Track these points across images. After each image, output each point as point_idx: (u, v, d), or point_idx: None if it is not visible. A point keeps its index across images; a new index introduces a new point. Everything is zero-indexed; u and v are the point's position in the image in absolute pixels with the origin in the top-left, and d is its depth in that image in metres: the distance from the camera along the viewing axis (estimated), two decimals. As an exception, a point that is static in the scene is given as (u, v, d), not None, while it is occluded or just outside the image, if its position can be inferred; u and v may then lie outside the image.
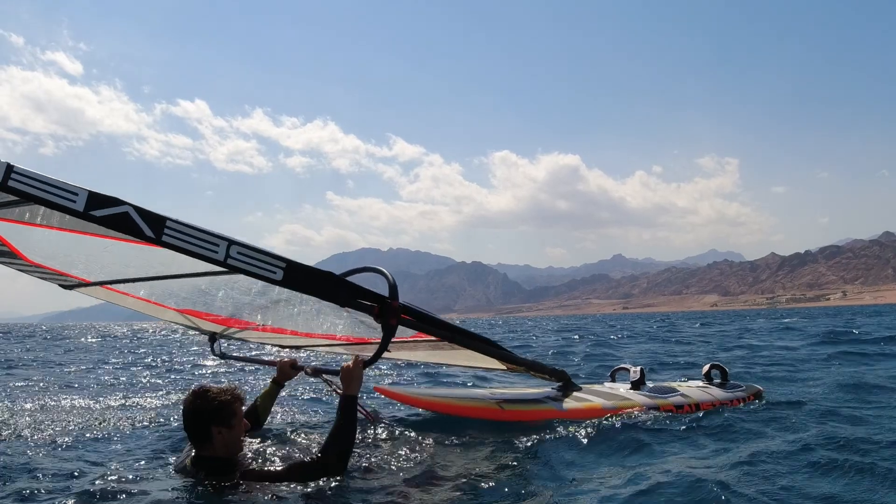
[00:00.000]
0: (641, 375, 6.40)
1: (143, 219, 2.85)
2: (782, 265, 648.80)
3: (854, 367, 10.29)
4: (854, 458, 4.10)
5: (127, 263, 4.06)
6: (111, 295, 4.87)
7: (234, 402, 3.57)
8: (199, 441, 3.52)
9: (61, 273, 4.46)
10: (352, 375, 3.82)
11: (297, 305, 4.67)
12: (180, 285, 4.45)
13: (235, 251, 3.08)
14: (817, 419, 5.61)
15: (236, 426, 3.55)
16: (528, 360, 5.39)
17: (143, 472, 3.95)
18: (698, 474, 3.81)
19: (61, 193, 2.70)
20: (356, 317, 4.47)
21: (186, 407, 3.53)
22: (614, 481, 3.79)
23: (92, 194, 2.74)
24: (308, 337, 5.41)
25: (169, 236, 2.91)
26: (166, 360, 14.70)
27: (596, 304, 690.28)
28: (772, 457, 4.35)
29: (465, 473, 3.88)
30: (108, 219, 2.80)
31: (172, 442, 5.01)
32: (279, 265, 3.18)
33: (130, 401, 7.55)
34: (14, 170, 2.61)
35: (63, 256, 4.18)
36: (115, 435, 5.34)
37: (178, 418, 6.16)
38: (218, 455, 3.51)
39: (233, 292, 4.60)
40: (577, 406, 5.63)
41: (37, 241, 3.88)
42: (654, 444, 4.69)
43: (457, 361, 5.81)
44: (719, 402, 6.22)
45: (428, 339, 4.73)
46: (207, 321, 5.31)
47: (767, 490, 3.56)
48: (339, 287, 3.43)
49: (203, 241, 3.00)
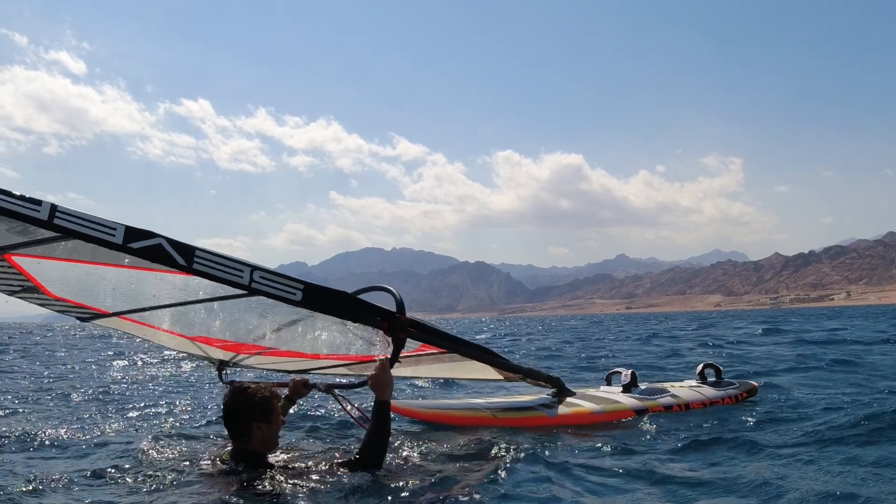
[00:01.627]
0: (632, 378, 6.67)
1: (175, 249, 3.16)
2: (786, 265, 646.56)
3: (847, 365, 10.62)
4: (847, 453, 4.31)
5: (143, 293, 4.31)
6: (126, 325, 5.10)
7: (272, 398, 3.88)
8: (239, 436, 3.81)
9: (80, 305, 4.71)
10: (381, 381, 4.05)
11: (303, 329, 4.90)
12: (194, 313, 4.71)
13: (258, 276, 3.38)
14: (810, 415, 5.81)
15: (274, 422, 3.86)
16: (525, 368, 5.69)
17: (179, 467, 4.22)
18: (678, 474, 4.04)
19: (101, 229, 3.00)
20: (360, 336, 4.72)
21: (227, 403, 3.83)
22: (597, 485, 3.98)
23: (129, 228, 3.05)
24: (314, 359, 5.62)
25: (199, 264, 3.21)
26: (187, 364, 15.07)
27: (599, 304, 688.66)
28: (759, 453, 4.56)
29: (455, 480, 4.03)
30: (144, 250, 3.09)
31: (200, 437, 5.38)
32: (298, 287, 3.50)
33: (161, 394, 8.00)
34: (58, 209, 2.90)
35: (82, 289, 4.43)
36: (146, 429, 5.72)
37: (208, 415, 6.63)
38: (256, 449, 3.81)
39: (242, 318, 4.85)
40: (567, 412, 5.96)
41: (58, 276, 4.13)
42: (635, 447, 4.90)
43: (456, 375, 6.12)
44: (710, 401, 6.48)
45: (430, 353, 5.04)
46: (217, 348, 5.52)
47: (756, 486, 3.72)
48: (352, 305, 3.77)
49: (229, 267, 3.31)
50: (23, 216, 2.85)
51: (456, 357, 5.06)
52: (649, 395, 6.47)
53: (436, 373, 6.22)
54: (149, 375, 12.22)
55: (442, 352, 4.89)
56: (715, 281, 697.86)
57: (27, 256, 3.69)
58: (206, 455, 4.39)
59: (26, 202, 2.84)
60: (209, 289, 4.03)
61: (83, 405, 8.03)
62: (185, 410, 7.43)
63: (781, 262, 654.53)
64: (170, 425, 6.25)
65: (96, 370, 13.68)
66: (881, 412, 5.49)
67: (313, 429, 6.01)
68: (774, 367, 10.96)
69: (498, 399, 6.58)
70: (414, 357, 5.18)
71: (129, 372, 13.01)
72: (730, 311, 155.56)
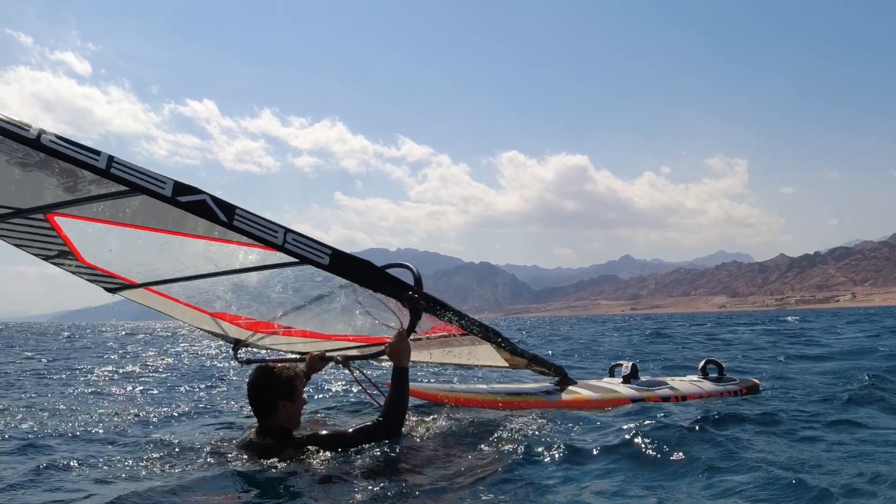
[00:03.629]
0: (633, 370, 6.88)
1: (218, 206, 3.33)
2: (791, 266, 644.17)
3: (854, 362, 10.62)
4: (843, 452, 4.31)
5: (176, 260, 4.43)
6: (152, 298, 5.21)
7: (296, 378, 4.11)
8: (265, 414, 4.03)
9: (111, 274, 4.81)
10: (399, 349, 4.28)
11: (321, 309, 5.09)
12: (222, 289, 4.90)
13: (291, 237, 3.58)
14: (808, 414, 5.79)
15: (298, 401, 4.09)
16: (530, 354, 5.89)
17: (208, 446, 4.48)
18: (663, 461, 4.16)
19: (153, 181, 3.17)
20: (375, 318, 5.00)
21: (253, 382, 4.05)
22: (588, 470, 4.06)
23: (177, 183, 3.23)
24: (328, 339, 5.82)
25: (239, 221, 3.40)
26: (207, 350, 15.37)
27: (604, 305, 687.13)
28: (751, 449, 4.53)
29: (455, 463, 4.13)
30: (190, 204, 3.26)
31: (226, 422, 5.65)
32: (326, 251, 3.72)
33: (187, 384, 8.30)
34: (115, 159, 3.06)
35: (116, 258, 4.56)
36: (174, 415, 6.04)
37: (233, 400, 6.91)
38: (281, 425, 4.02)
39: (267, 295, 5.04)
40: (566, 398, 6.22)
41: (95, 241, 4.26)
42: (627, 434, 4.87)
43: (464, 361, 6.37)
44: (707, 395, 6.62)
45: (441, 336, 5.27)
46: (236, 326, 5.71)
47: (747, 478, 3.73)
48: (375, 274, 3.98)
49: (266, 227, 3.50)
50: (83, 163, 2.99)
51: (466, 341, 5.29)
52: (648, 386, 6.68)
53: (446, 358, 6.46)
54: (168, 363, 12.60)
55: (453, 334, 5.09)
56: (720, 282, 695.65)
57: (69, 217, 3.83)
58: (233, 435, 4.68)
59: (86, 150, 2.99)
60: (237, 262, 4.27)
61: (109, 393, 8.43)
62: (211, 394, 7.84)
63: (786, 264, 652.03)
64: (196, 408, 6.57)
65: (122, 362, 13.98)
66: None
67: (331, 403, 6.36)
68: (769, 364, 11.05)
69: (502, 385, 6.90)
70: (426, 340, 5.40)
71: (148, 362, 13.33)
72: (735, 313, 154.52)
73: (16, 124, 2.87)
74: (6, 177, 3.38)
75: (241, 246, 3.93)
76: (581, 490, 3.62)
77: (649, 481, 3.81)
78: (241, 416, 6.34)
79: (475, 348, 5.61)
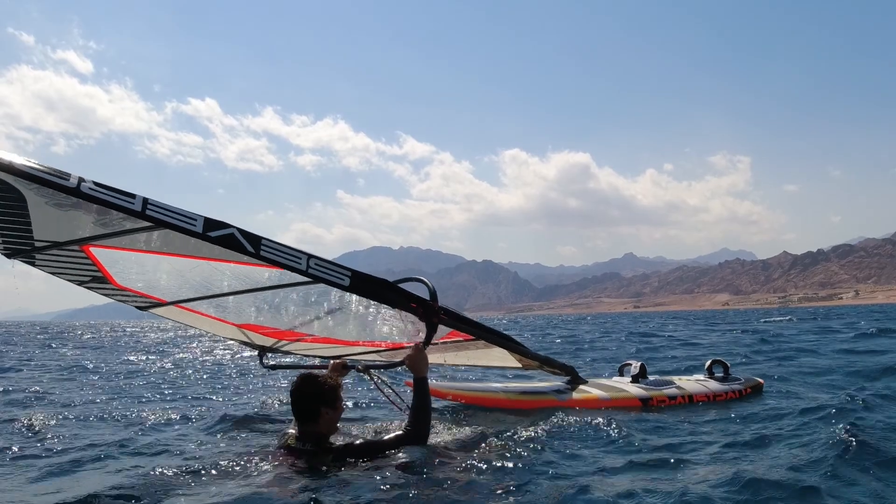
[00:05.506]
0: (641, 370, 7.16)
1: (245, 238, 3.59)
2: (794, 264, 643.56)
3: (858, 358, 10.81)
4: (848, 449, 4.37)
5: (200, 283, 4.76)
6: (179, 313, 5.55)
7: (338, 387, 4.39)
8: (308, 420, 4.27)
9: (142, 295, 5.16)
10: (417, 360, 4.57)
11: (341, 318, 5.41)
12: (246, 303, 5.20)
13: (314, 262, 3.85)
14: (813, 411, 5.92)
15: (339, 408, 4.37)
16: (542, 356, 6.18)
17: (250, 449, 4.76)
18: (676, 462, 4.38)
19: (185, 219, 3.41)
20: (394, 326, 5.32)
21: (298, 389, 4.30)
22: (599, 468, 4.31)
23: (207, 219, 3.47)
24: (349, 346, 6.12)
25: (265, 251, 3.66)
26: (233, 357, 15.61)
27: (607, 303, 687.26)
28: (752, 445, 4.81)
29: (472, 458, 4.38)
30: (220, 238, 3.51)
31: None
32: (346, 274, 4.00)
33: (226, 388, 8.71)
34: (149, 201, 3.30)
35: (145, 280, 4.88)
36: (216, 419, 6.30)
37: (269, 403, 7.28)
38: (321, 431, 4.29)
39: (288, 307, 5.33)
40: (577, 397, 6.51)
41: (126, 267, 4.58)
42: (636, 433, 5.22)
43: (479, 362, 6.67)
44: (713, 395, 6.90)
45: (456, 341, 5.55)
46: (261, 335, 6.01)
47: (751, 478, 3.85)
48: (392, 291, 4.27)
49: (290, 255, 3.76)
50: (120, 207, 3.23)
51: (480, 345, 5.56)
52: (656, 385, 6.96)
53: (460, 360, 6.73)
54: (203, 368, 12.93)
55: (468, 339, 5.37)
56: (723, 280, 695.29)
57: (104, 248, 4.12)
58: (273, 438, 4.92)
59: (122, 195, 3.23)
60: (260, 281, 4.57)
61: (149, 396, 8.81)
62: (248, 399, 8.15)
63: (790, 261, 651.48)
64: (235, 413, 6.80)
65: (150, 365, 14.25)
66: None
67: (360, 410, 6.68)
68: (780, 362, 11.16)
69: (514, 384, 7.19)
70: (441, 345, 5.66)
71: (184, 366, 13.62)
72: (739, 311, 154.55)
73: (57, 174, 3.08)
74: (45, 216, 3.63)
75: (265, 268, 4.18)
76: (593, 488, 3.83)
77: (659, 481, 4.01)
78: (272, 418, 6.62)
79: (489, 351, 5.85)
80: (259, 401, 7.79)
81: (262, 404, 7.47)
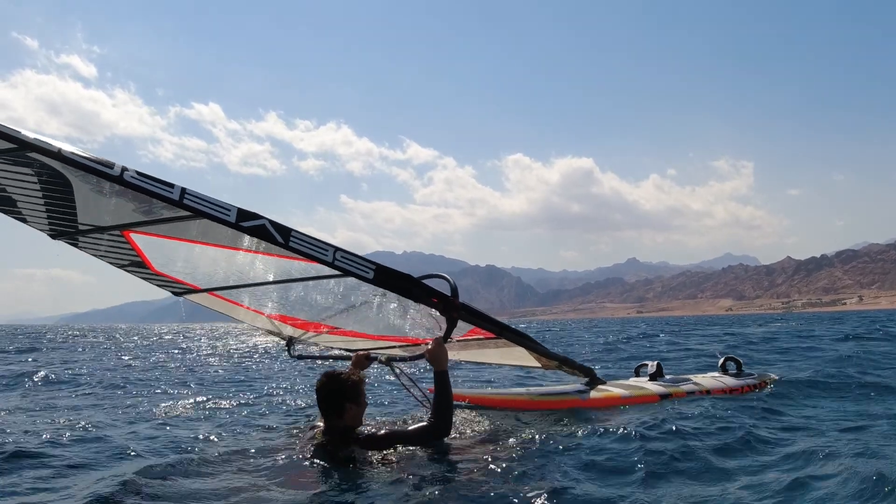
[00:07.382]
0: (658, 368, 7.31)
1: (276, 229, 3.72)
2: (798, 269, 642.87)
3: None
4: (854, 440, 4.63)
5: (233, 273, 4.98)
6: (214, 301, 5.72)
7: (361, 383, 4.52)
8: (333, 415, 4.42)
9: (177, 281, 5.33)
10: (438, 354, 4.66)
11: (366, 311, 5.55)
12: (276, 293, 5.40)
13: (340, 255, 3.98)
14: (823, 403, 6.21)
15: (362, 403, 4.51)
16: (561, 356, 6.24)
17: (277, 444, 4.91)
18: (695, 454, 4.50)
19: (220, 209, 3.56)
20: (416, 322, 5.41)
21: (325, 385, 4.43)
22: (626, 461, 4.42)
23: (240, 210, 3.61)
24: (373, 339, 6.30)
25: (294, 242, 3.79)
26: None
27: (610, 308, 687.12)
28: (770, 435, 4.98)
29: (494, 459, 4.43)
30: (252, 229, 3.66)
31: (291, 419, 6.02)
32: (371, 267, 4.12)
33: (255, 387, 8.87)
34: (187, 191, 3.46)
35: (182, 267, 5.06)
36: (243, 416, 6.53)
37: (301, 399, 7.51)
38: (347, 425, 4.43)
39: (316, 299, 5.49)
40: (598, 396, 6.60)
41: (164, 253, 4.76)
42: (662, 424, 5.35)
43: (499, 360, 6.80)
44: (729, 389, 7.06)
45: (477, 338, 5.65)
46: (290, 325, 6.21)
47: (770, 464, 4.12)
48: (415, 286, 4.37)
49: (318, 246, 3.90)
50: (159, 196, 3.39)
51: (500, 343, 5.65)
52: (674, 383, 7.09)
53: (480, 357, 6.87)
54: (230, 365, 13.12)
55: (488, 337, 5.47)
56: (726, 285, 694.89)
57: (143, 234, 4.30)
58: (300, 433, 5.10)
59: (162, 184, 3.39)
60: (289, 272, 4.74)
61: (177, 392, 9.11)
62: (275, 396, 8.37)
63: (793, 267, 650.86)
64: (262, 408, 7.13)
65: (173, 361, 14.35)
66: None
67: (383, 407, 6.94)
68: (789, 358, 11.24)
69: (537, 388, 7.30)
70: (462, 342, 5.78)
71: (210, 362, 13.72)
72: (741, 316, 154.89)
73: (102, 163, 3.26)
74: (89, 201, 3.83)
75: (294, 260, 4.34)
76: (614, 486, 3.91)
77: (685, 478, 4.08)
78: (297, 413, 6.85)
79: (509, 350, 5.91)
80: (285, 396, 8.03)
81: (287, 400, 7.68)
